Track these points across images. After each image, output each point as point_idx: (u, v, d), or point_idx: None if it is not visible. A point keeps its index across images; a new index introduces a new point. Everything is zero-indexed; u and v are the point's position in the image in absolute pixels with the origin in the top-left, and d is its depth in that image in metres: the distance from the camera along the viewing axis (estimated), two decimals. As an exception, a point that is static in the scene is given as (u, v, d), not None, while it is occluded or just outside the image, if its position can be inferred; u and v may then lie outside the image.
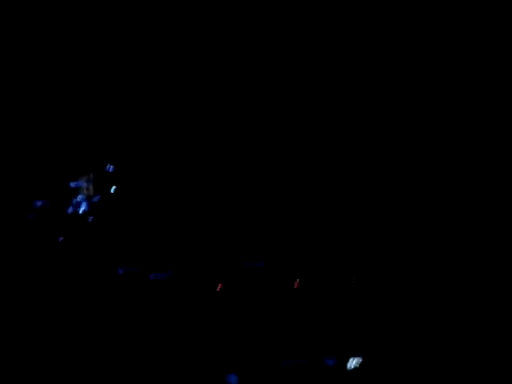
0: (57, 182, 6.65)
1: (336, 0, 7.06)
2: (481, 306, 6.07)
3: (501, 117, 6.90)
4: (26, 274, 6.18)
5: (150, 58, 6.91)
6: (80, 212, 6.58)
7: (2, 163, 6.63)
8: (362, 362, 5.07)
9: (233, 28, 7.09)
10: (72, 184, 6.66)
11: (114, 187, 6.65)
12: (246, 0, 7.07)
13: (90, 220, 6.55)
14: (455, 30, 7.02)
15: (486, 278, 6.35)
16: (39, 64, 6.61)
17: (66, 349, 5.28)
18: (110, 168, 6.66)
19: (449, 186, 7.02)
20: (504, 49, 6.89)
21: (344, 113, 7.10)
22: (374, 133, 7.08)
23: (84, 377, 5.17)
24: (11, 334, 5.45)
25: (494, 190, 6.92)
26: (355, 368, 5.05)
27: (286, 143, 6.88)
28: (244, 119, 6.95)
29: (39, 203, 6.58)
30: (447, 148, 7.04)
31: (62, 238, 6.44)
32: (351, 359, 5.15)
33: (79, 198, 6.63)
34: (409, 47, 7.05)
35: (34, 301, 5.89)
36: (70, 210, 6.60)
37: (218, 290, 6.16)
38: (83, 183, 6.67)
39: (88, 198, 6.64)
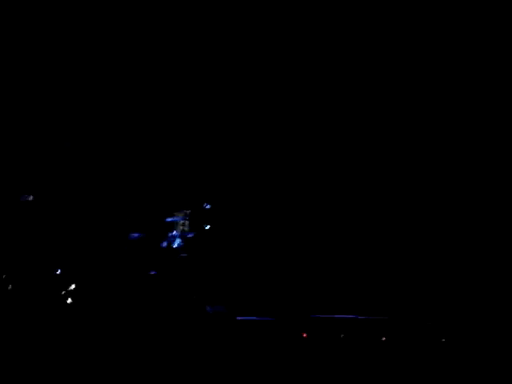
0: (154, 217, 6.71)
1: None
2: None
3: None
4: (116, 301, 6.24)
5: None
6: (174, 247, 6.62)
7: (101, 194, 6.73)
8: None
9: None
10: (168, 219, 6.71)
11: (208, 225, 6.66)
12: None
13: (183, 256, 6.58)
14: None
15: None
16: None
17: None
18: (207, 206, 6.68)
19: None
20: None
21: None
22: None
23: None
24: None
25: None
26: None
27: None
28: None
29: (135, 235, 6.65)
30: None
31: (154, 272, 6.49)
32: None
33: (174, 233, 6.67)
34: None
35: (121, 329, 5.94)
36: (165, 244, 6.65)
37: (303, 336, 6.11)
38: (179, 219, 6.71)
39: (183, 234, 6.67)
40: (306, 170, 6.89)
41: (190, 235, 6.67)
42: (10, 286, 6.10)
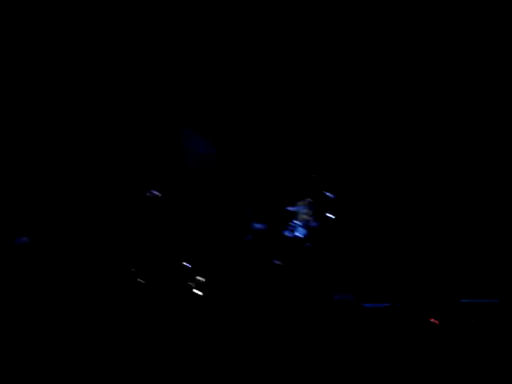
0: (276, 206, 6.76)
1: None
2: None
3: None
4: (236, 291, 6.33)
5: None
6: (297, 236, 6.64)
7: (225, 185, 6.83)
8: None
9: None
10: (290, 208, 6.73)
11: (331, 213, 6.65)
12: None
13: (306, 245, 6.59)
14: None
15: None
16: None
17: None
18: (329, 194, 6.66)
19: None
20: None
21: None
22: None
23: None
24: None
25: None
26: None
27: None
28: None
29: (257, 225, 6.71)
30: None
31: (277, 261, 6.53)
32: None
33: (297, 222, 6.69)
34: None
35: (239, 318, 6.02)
36: (287, 233, 6.68)
37: (433, 322, 6.00)
38: (301, 208, 6.72)
39: (305, 223, 6.68)
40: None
41: (313, 224, 6.67)
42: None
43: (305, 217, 6.70)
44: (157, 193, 6.58)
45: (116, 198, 6.62)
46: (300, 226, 6.67)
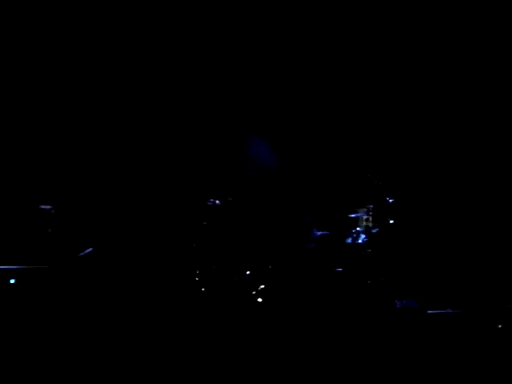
0: (337, 213, 6.76)
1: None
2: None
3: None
4: (299, 299, 6.34)
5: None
6: (359, 242, 6.62)
7: (287, 195, 6.88)
8: None
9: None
10: (352, 215, 6.72)
11: (393, 219, 6.60)
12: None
13: (368, 252, 6.56)
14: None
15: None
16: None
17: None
18: (389, 200, 6.62)
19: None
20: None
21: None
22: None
23: None
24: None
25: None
26: None
27: None
28: None
29: (318, 233, 6.72)
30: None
31: (340, 269, 6.52)
32: None
33: (358, 229, 6.67)
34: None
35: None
36: (349, 240, 6.67)
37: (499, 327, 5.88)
38: (363, 214, 6.70)
39: (367, 230, 6.65)
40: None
41: (374, 230, 6.64)
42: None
43: (366, 223, 6.68)
44: (217, 201, 6.66)
45: (179, 207, 6.74)
46: (361, 233, 6.65)
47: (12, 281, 6.00)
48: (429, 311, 6.11)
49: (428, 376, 5.42)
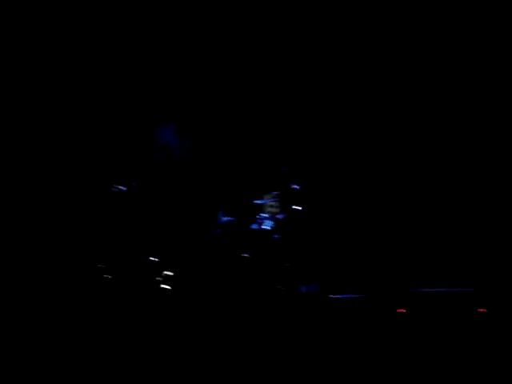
0: (243, 199, 6.78)
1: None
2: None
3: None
4: (205, 285, 6.35)
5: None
6: (265, 229, 6.67)
7: (192, 181, 6.85)
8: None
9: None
10: (257, 201, 6.75)
11: (298, 205, 6.67)
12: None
13: (274, 237, 6.62)
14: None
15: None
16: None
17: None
18: (296, 186, 6.69)
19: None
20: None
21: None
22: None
23: None
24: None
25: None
26: None
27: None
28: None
29: (225, 219, 6.74)
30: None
31: (246, 254, 6.55)
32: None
33: (264, 215, 6.71)
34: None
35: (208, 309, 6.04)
36: (255, 226, 6.70)
37: (398, 311, 6.04)
38: (269, 201, 6.74)
39: (272, 216, 6.70)
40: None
41: (280, 216, 6.69)
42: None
43: (272, 209, 6.72)
44: (123, 188, 6.59)
45: (82, 194, 6.63)
46: (267, 219, 6.69)
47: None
48: (331, 296, 6.23)
49: (328, 359, 5.54)
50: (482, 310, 5.90)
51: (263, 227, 6.67)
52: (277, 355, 5.56)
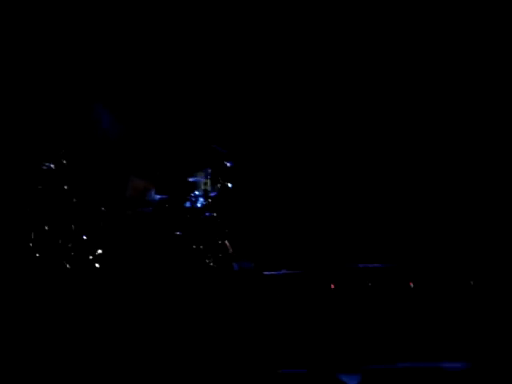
0: (175, 177, 6.72)
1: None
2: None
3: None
4: (140, 264, 6.28)
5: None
6: (197, 206, 6.64)
7: (119, 159, 6.75)
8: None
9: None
10: (190, 179, 6.71)
11: (231, 183, 6.66)
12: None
13: (206, 215, 6.59)
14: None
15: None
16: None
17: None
18: (229, 164, 6.67)
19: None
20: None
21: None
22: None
23: None
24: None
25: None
26: None
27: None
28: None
29: (157, 197, 6.67)
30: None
31: (179, 232, 6.51)
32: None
33: (197, 192, 6.68)
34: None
35: (145, 290, 5.98)
36: (188, 204, 6.66)
37: (331, 287, 6.12)
38: (201, 178, 6.71)
39: (205, 193, 6.68)
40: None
41: (213, 194, 6.67)
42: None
43: (204, 187, 6.69)
44: (52, 165, 6.43)
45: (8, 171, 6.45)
46: (200, 197, 6.66)
47: None
48: (265, 272, 6.27)
49: (263, 335, 5.58)
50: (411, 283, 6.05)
51: (196, 205, 6.64)
52: (209, 333, 5.57)
